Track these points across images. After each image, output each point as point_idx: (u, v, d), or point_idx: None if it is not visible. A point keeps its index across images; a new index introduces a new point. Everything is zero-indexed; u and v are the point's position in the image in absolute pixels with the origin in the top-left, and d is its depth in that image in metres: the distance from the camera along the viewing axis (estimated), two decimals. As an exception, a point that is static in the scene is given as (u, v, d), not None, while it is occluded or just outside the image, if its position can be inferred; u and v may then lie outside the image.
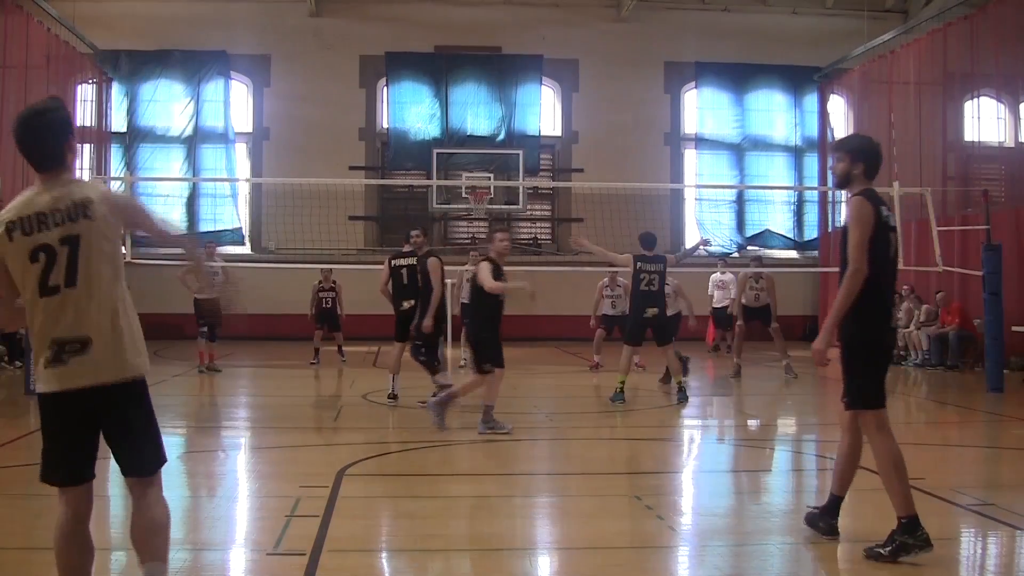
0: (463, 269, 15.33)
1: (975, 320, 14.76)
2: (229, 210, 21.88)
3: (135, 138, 21.56)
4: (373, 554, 5.07)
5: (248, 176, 22.09)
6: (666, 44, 22.81)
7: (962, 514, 5.76)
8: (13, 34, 16.73)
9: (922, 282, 16.92)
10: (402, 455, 8.00)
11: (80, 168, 18.96)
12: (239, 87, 22.53)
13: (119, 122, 21.61)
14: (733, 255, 21.46)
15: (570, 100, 23.11)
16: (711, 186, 22.95)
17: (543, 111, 22.71)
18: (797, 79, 23.06)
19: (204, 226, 21.61)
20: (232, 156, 22.07)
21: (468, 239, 22.45)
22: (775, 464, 8.15)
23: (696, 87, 23.21)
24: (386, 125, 22.49)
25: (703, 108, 23.16)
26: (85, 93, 20.98)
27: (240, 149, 22.41)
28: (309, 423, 10.17)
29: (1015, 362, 14.47)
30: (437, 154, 21.08)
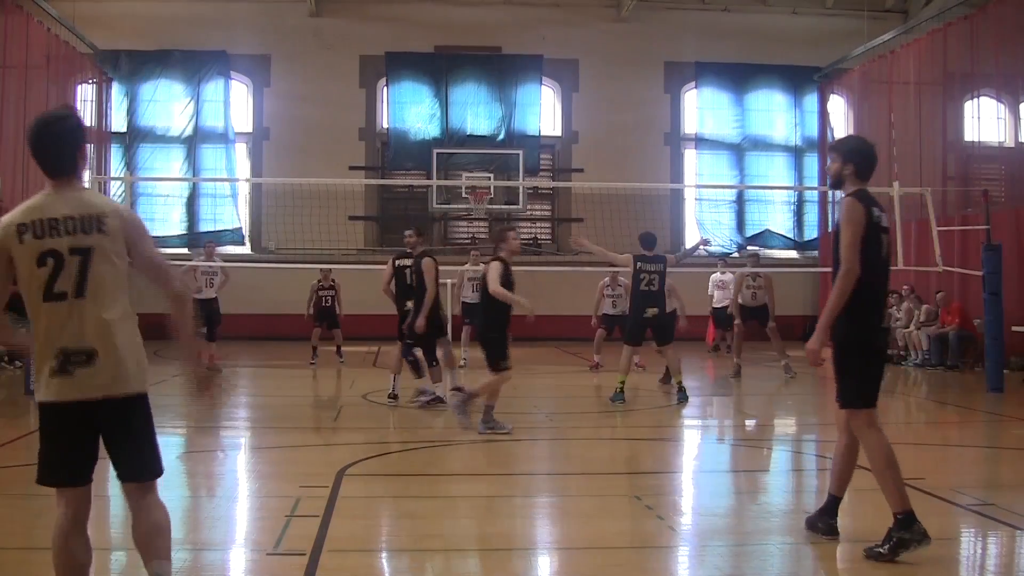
0: (464, 269, 15.35)
1: (975, 320, 14.76)
2: (229, 210, 21.87)
3: (135, 138, 21.55)
4: (373, 554, 5.07)
5: (248, 176, 22.08)
6: (666, 44, 22.80)
7: (962, 514, 5.76)
8: (13, 34, 16.73)
9: (922, 282, 16.92)
10: (402, 455, 8.00)
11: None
12: (239, 87, 22.53)
13: (119, 122, 21.60)
14: (733, 255, 21.45)
15: (570, 100, 23.09)
16: (711, 186, 22.94)
17: (543, 111, 22.69)
18: (797, 79, 23.05)
19: (204, 226, 21.59)
20: (232, 156, 22.06)
21: (468, 239, 22.45)
22: (775, 464, 8.16)
23: (696, 87, 23.19)
24: (386, 125, 22.48)
25: (703, 108, 23.15)
26: (85, 93, 20.98)
27: (240, 149, 22.39)
28: (309, 423, 10.18)
29: (1015, 362, 14.47)
30: (437, 154, 21.07)
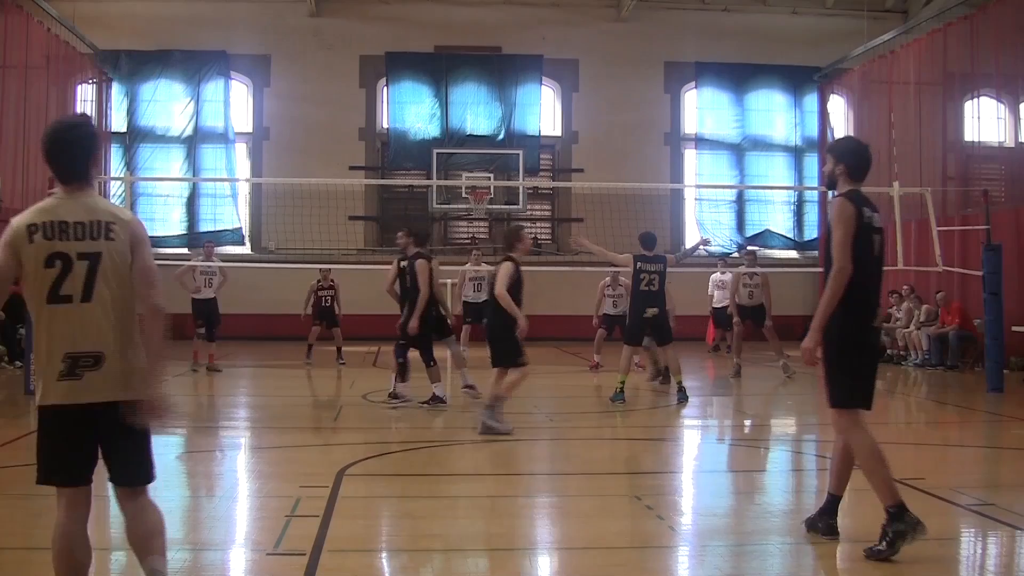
0: (465, 269, 15.35)
1: (975, 320, 14.76)
2: (229, 210, 21.86)
3: (135, 138, 21.54)
4: (373, 554, 5.07)
5: (248, 176, 22.09)
6: (666, 44, 22.79)
7: (962, 514, 5.76)
8: (13, 34, 16.73)
9: (922, 282, 16.92)
10: (402, 455, 8.00)
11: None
12: (239, 87, 22.52)
13: (119, 122, 21.58)
14: (733, 255, 21.44)
15: (570, 100, 23.09)
16: (711, 186, 22.93)
17: (543, 111, 22.67)
18: (797, 79, 23.04)
19: (204, 226, 21.59)
20: (232, 156, 22.05)
21: (468, 239, 22.45)
22: (775, 464, 8.15)
23: (696, 87, 23.18)
24: (386, 125, 22.47)
25: (703, 108, 23.14)
26: (85, 93, 20.99)
27: (240, 149, 22.38)
28: (309, 423, 10.18)
29: (1015, 362, 14.47)
30: (437, 154, 21.07)
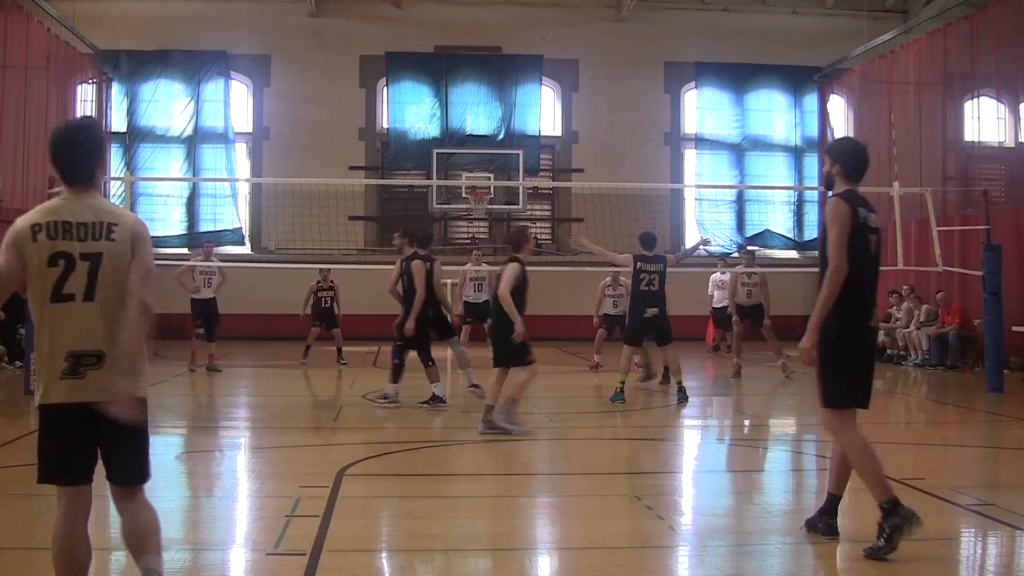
0: (466, 269, 15.33)
1: (975, 320, 14.76)
2: (229, 210, 21.86)
3: (135, 138, 21.54)
4: (373, 554, 5.07)
5: (248, 176, 22.09)
6: (666, 44, 22.79)
7: (962, 514, 5.76)
8: (13, 34, 16.73)
9: (922, 282, 16.92)
10: (402, 455, 8.00)
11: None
12: (239, 87, 22.52)
13: (119, 122, 21.58)
14: (733, 255, 21.44)
15: (570, 100, 23.09)
16: (711, 186, 22.93)
17: (543, 111, 22.67)
18: (797, 79, 23.04)
19: (204, 226, 21.59)
20: (232, 156, 22.06)
21: (468, 239, 22.45)
22: (775, 464, 8.16)
23: (696, 87, 23.18)
24: (386, 125, 22.47)
25: (703, 108, 23.13)
26: (85, 93, 21.00)
27: (240, 149, 22.38)
28: (309, 423, 10.18)
29: (1015, 362, 14.47)
30: (437, 154, 21.07)
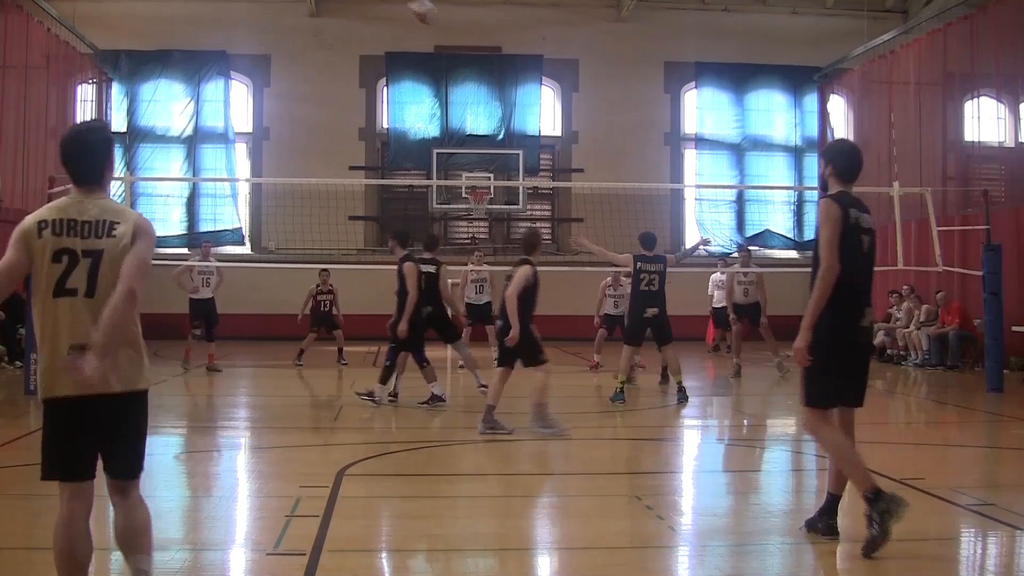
0: (467, 269, 15.32)
1: (975, 320, 14.76)
2: (229, 210, 21.87)
3: (135, 138, 21.55)
4: (373, 554, 5.07)
5: (248, 176, 22.10)
6: (666, 44, 22.80)
7: (962, 514, 5.77)
8: (13, 34, 16.74)
9: (922, 282, 16.92)
10: (402, 455, 8.00)
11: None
12: (239, 87, 22.53)
13: (119, 122, 21.56)
14: (733, 255, 21.44)
15: (570, 100, 23.10)
16: (711, 186, 22.94)
17: (543, 111, 22.69)
18: (797, 79, 23.05)
19: (204, 226, 21.61)
20: (232, 156, 22.07)
21: (468, 239, 22.45)
22: (774, 464, 8.16)
23: (696, 87, 23.19)
24: (386, 125, 22.48)
25: (703, 108, 23.14)
26: (85, 93, 21.02)
27: (240, 149, 22.39)
28: (309, 423, 10.18)
29: (1015, 362, 14.47)
30: (437, 154, 21.08)
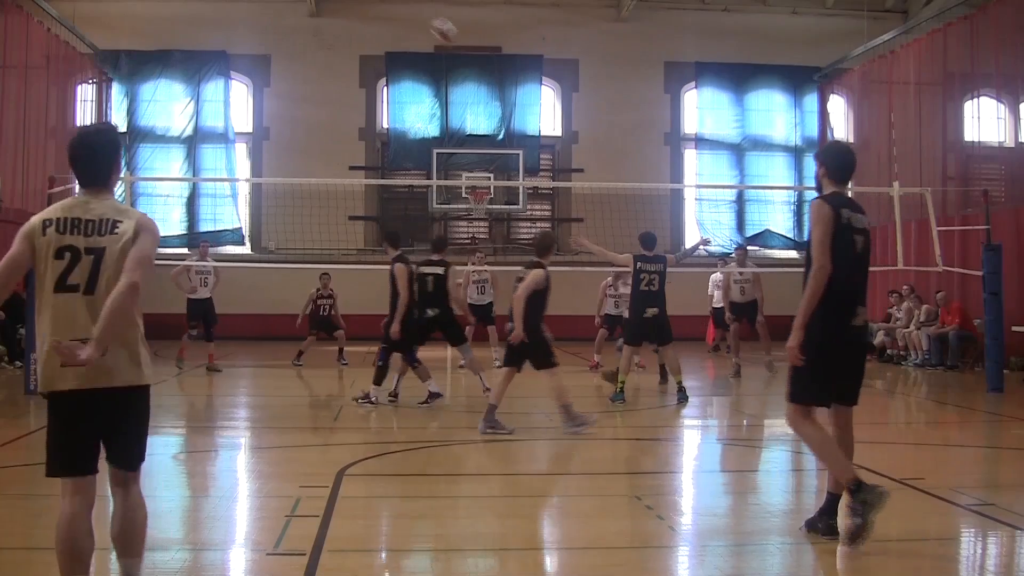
0: (469, 270, 15.30)
1: (975, 320, 14.76)
2: (229, 210, 21.88)
3: (135, 138, 21.55)
4: (373, 554, 5.07)
5: (248, 176, 22.10)
6: (666, 44, 22.81)
7: (962, 514, 5.77)
8: (13, 34, 16.74)
9: (922, 282, 16.93)
10: (402, 455, 8.00)
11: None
12: (239, 87, 22.53)
13: (119, 122, 21.55)
14: (733, 255, 21.44)
15: (570, 100, 23.11)
16: (711, 186, 22.94)
17: (543, 111, 22.71)
18: (797, 79, 23.06)
19: (204, 226, 21.63)
20: (232, 156, 22.08)
21: (468, 239, 22.45)
22: (774, 464, 8.15)
23: (696, 87, 23.20)
24: (386, 125, 22.48)
25: (703, 108, 23.16)
26: (85, 93, 21.02)
27: (240, 149, 22.40)
28: (309, 423, 10.18)
29: (1015, 362, 14.48)
30: (437, 154, 21.09)
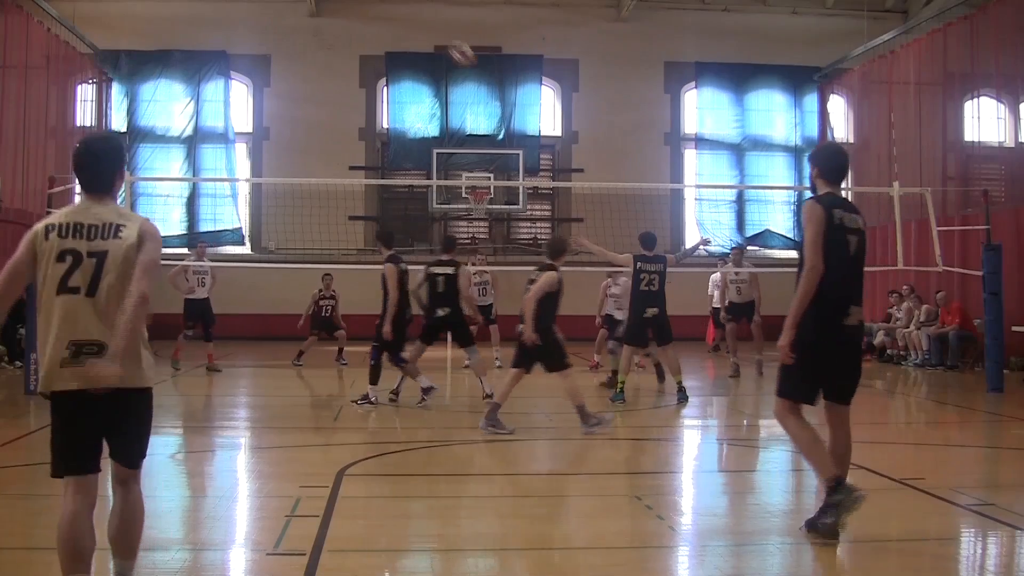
0: (470, 270, 15.30)
1: (975, 320, 14.76)
2: (229, 210, 21.89)
3: (135, 138, 21.55)
4: (373, 554, 5.06)
5: (248, 176, 22.11)
6: (666, 44, 22.81)
7: (962, 514, 5.76)
8: (13, 34, 16.74)
9: (922, 282, 16.93)
10: (402, 455, 8.00)
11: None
12: (239, 87, 22.54)
13: (119, 122, 21.61)
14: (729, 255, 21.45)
15: (570, 100, 23.11)
16: (711, 186, 22.95)
17: (543, 111, 22.71)
18: (797, 79, 23.06)
19: (204, 226, 21.64)
20: (232, 156, 22.08)
21: (468, 239, 22.45)
22: (774, 464, 8.15)
23: (696, 87, 23.20)
24: (386, 125, 22.49)
25: (703, 108, 23.16)
26: (85, 93, 21.02)
27: (240, 149, 22.41)
28: (309, 423, 10.17)
29: (1015, 362, 14.48)
30: (437, 154, 21.09)
